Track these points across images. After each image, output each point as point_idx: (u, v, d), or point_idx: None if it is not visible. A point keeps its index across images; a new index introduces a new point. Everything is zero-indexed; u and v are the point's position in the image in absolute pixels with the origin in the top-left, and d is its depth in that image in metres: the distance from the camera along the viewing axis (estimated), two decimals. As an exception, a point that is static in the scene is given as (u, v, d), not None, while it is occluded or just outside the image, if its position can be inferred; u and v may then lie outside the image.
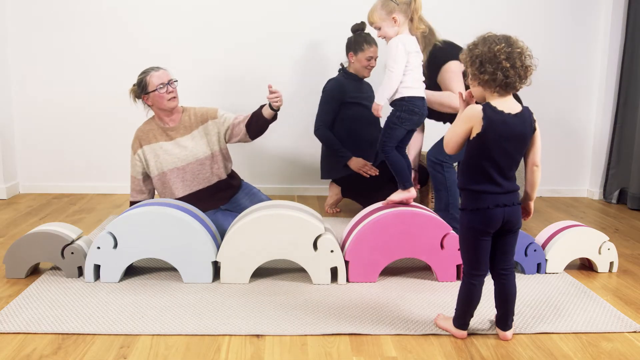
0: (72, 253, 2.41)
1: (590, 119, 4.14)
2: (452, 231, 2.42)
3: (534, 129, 1.79)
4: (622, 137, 4.01)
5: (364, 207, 2.67)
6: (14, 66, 3.89)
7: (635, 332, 2.02)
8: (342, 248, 2.46)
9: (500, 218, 1.79)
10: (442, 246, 2.41)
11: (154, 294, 2.27)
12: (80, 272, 2.43)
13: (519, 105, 1.77)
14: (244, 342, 1.91)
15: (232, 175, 2.99)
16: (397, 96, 2.37)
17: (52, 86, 3.92)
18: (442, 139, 2.85)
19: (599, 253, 2.59)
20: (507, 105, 1.75)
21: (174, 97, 2.77)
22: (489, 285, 2.40)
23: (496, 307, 1.95)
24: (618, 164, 4.04)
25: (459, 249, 2.40)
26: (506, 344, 1.92)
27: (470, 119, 1.75)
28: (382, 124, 2.54)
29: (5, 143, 3.86)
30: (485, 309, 2.17)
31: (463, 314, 1.93)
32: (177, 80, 2.81)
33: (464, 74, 1.81)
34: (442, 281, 2.44)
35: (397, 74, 2.31)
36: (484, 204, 1.78)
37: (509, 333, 1.94)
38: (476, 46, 1.74)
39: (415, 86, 2.37)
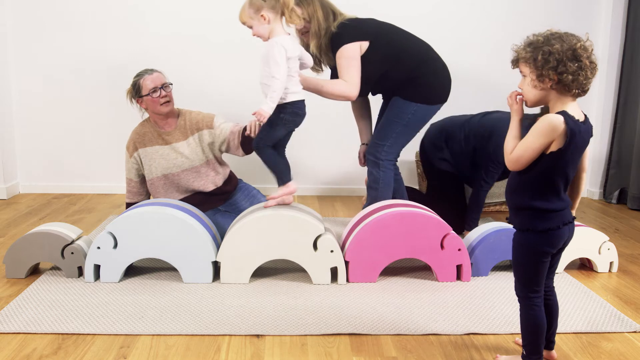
0: (72, 253, 2.41)
1: (591, 119, 4.12)
2: (452, 231, 2.43)
3: (591, 135, 1.63)
4: (622, 137, 4.01)
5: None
6: (14, 66, 3.89)
7: (635, 332, 2.02)
8: (342, 248, 2.46)
9: (566, 237, 1.63)
10: (442, 246, 2.41)
11: (154, 294, 2.27)
12: (80, 272, 2.43)
13: (581, 111, 1.59)
14: (244, 342, 1.91)
15: (228, 181, 2.95)
16: (283, 102, 2.33)
17: (52, 86, 3.91)
18: (378, 136, 2.81)
19: (599, 253, 2.59)
20: (577, 112, 1.55)
21: (168, 102, 2.72)
22: (489, 285, 2.40)
23: None
24: (618, 164, 4.04)
25: (459, 249, 2.42)
26: (506, 344, 1.92)
27: (551, 132, 1.50)
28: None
29: (5, 143, 3.86)
30: (486, 309, 2.17)
31: (537, 347, 1.68)
32: (171, 84, 2.77)
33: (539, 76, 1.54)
34: (442, 281, 2.44)
35: (282, 80, 2.24)
36: (554, 224, 1.59)
37: (554, 352, 1.81)
38: (547, 43, 1.52)
39: (297, 90, 2.34)
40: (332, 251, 2.38)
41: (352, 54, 2.69)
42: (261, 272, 2.48)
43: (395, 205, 2.50)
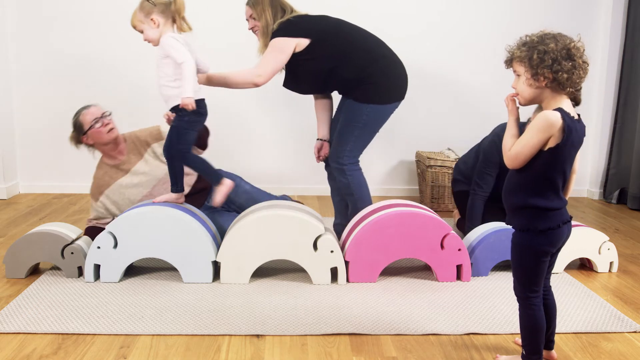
0: (72, 253, 2.41)
1: (591, 119, 4.13)
2: (452, 231, 2.43)
3: (585, 135, 1.63)
4: (622, 137, 4.01)
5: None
6: (14, 66, 3.89)
7: (635, 332, 2.02)
8: (342, 248, 2.46)
9: (566, 236, 1.64)
10: (442, 246, 2.41)
11: (154, 294, 2.27)
12: (80, 272, 2.43)
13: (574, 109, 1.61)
14: (244, 342, 1.91)
15: (200, 178, 2.88)
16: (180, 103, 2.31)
17: (52, 86, 3.91)
18: (337, 142, 2.77)
19: (599, 253, 2.59)
20: (571, 109, 1.57)
21: (112, 129, 2.71)
22: (489, 285, 2.40)
23: None
24: (618, 164, 4.04)
25: (459, 249, 2.42)
26: (506, 343, 1.92)
27: (549, 128, 1.52)
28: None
29: (5, 143, 3.86)
30: (486, 309, 2.17)
31: (537, 347, 1.68)
32: (110, 113, 2.75)
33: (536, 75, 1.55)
34: (442, 281, 2.44)
35: (189, 62, 2.23)
36: (554, 223, 1.59)
37: (554, 352, 1.81)
38: (541, 42, 1.54)
39: (195, 89, 2.33)
40: (332, 251, 2.38)
41: (279, 46, 2.66)
42: (261, 272, 2.48)
43: (395, 205, 2.50)
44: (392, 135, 4.11)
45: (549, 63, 1.52)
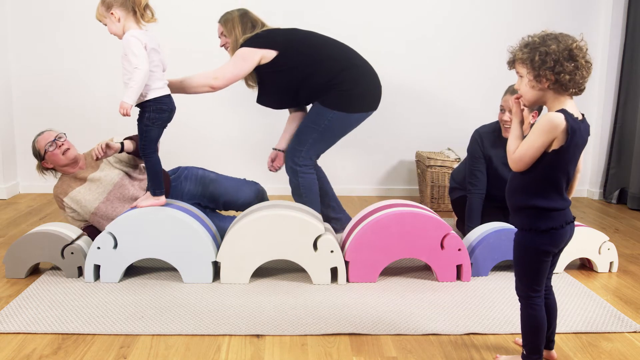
0: (72, 253, 2.41)
1: (591, 119, 4.13)
2: (452, 231, 2.43)
3: (589, 134, 1.63)
4: (622, 137, 4.01)
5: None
6: (14, 66, 3.89)
7: (635, 332, 2.02)
8: (342, 248, 2.46)
9: (568, 236, 1.63)
10: (442, 246, 2.41)
11: (154, 294, 2.27)
12: (80, 272, 2.43)
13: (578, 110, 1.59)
14: (244, 342, 1.91)
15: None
16: (143, 99, 2.31)
17: (52, 86, 3.91)
18: (295, 141, 2.79)
19: (599, 253, 2.59)
20: (575, 110, 1.55)
21: (68, 149, 2.70)
22: (489, 285, 2.40)
23: None
24: (618, 164, 4.04)
25: (459, 249, 2.42)
26: (506, 343, 1.92)
27: (553, 130, 1.51)
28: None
29: (5, 143, 3.86)
30: (486, 309, 2.17)
31: (537, 346, 1.68)
32: (63, 135, 2.75)
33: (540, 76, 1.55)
34: (442, 281, 2.44)
35: (144, 69, 2.20)
36: (557, 223, 1.59)
37: (554, 352, 1.81)
38: (543, 44, 1.52)
39: (158, 86, 2.31)
40: (332, 251, 2.38)
41: (242, 55, 2.68)
42: (261, 272, 2.48)
43: (395, 205, 2.50)
44: (392, 135, 4.11)
45: (551, 65, 1.51)
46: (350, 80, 2.74)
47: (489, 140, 2.88)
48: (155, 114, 2.33)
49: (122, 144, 2.69)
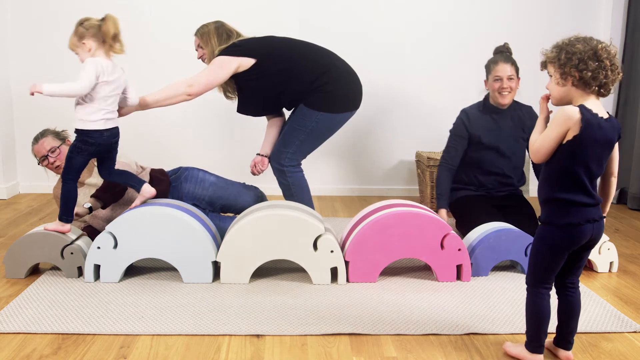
0: (72, 253, 2.41)
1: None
2: (452, 231, 2.43)
3: (619, 137, 1.68)
4: (622, 137, 4.00)
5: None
6: (14, 66, 3.89)
7: (635, 332, 2.02)
8: (342, 248, 2.46)
9: (589, 235, 1.65)
10: (442, 246, 2.41)
11: (154, 294, 2.27)
12: (80, 272, 2.43)
13: (605, 110, 1.65)
14: (244, 342, 1.91)
15: (152, 183, 2.77)
16: (78, 128, 2.33)
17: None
18: (281, 143, 2.80)
19: (599, 253, 2.59)
20: (599, 109, 1.62)
21: (59, 165, 2.72)
22: (489, 285, 2.40)
23: (558, 324, 1.79)
24: (618, 164, 4.03)
25: (459, 249, 2.42)
26: (506, 344, 1.92)
27: (567, 121, 1.59)
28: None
29: (5, 143, 3.86)
30: (486, 309, 2.17)
31: (537, 334, 1.73)
32: (57, 148, 2.76)
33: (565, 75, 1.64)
34: (442, 281, 2.44)
35: (80, 86, 2.24)
36: (575, 219, 1.63)
37: (571, 353, 1.79)
38: (570, 44, 1.62)
39: (92, 119, 2.31)
40: (332, 251, 2.38)
41: (219, 63, 2.69)
42: (261, 272, 2.48)
43: (395, 205, 2.50)
44: (392, 135, 4.11)
45: (576, 62, 1.60)
46: (332, 82, 2.75)
47: (474, 116, 2.94)
48: (80, 144, 2.34)
49: (89, 208, 2.66)
